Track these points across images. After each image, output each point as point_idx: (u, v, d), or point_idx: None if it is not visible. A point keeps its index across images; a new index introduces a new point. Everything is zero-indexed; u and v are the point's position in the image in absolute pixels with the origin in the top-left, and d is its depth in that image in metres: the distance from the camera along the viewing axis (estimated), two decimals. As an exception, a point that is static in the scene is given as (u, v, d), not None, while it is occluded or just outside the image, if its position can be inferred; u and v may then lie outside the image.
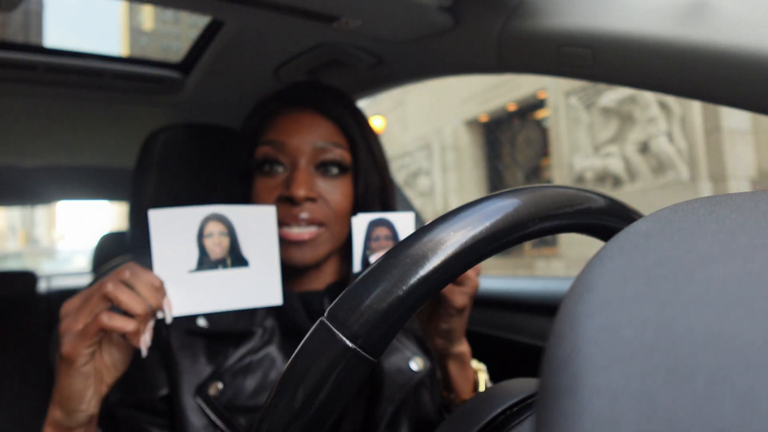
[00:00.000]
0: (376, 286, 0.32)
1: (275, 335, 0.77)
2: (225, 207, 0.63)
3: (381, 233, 0.67)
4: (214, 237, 0.62)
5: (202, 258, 0.62)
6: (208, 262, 0.62)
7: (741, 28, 0.58)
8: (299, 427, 0.32)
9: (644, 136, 9.00)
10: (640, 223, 0.20)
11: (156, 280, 0.59)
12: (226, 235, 0.63)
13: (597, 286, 0.18)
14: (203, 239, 0.62)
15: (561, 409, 0.16)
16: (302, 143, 0.77)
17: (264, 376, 0.73)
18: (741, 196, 0.20)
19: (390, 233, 0.68)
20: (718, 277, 0.16)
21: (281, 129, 0.79)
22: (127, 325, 0.55)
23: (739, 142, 8.50)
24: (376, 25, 0.87)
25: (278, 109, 0.83)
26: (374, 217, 0.67)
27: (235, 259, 0.64)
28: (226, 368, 0.72)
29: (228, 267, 0.63)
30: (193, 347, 0.74)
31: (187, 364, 0.73)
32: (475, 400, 0.46)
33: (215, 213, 0.63)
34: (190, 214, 0.62)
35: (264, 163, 0.79)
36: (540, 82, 10.72)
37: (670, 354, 0.15)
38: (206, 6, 0.84)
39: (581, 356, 0.16)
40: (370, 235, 0.67)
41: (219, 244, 0.63)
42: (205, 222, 0.62)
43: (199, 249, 0.62)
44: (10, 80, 1.11)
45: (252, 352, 0.74)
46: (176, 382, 0.72)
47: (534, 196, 0.35)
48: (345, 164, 0.80)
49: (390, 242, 0.68)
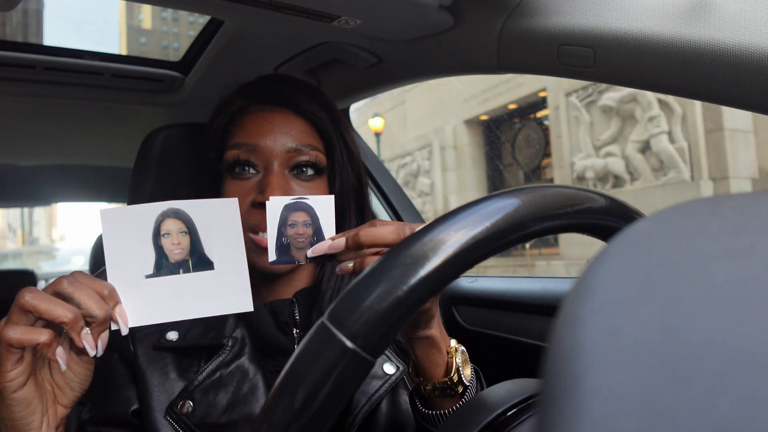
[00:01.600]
0: (376, 286, 0.32)
1: (246, 346, 0.74)
2: (182, 202, 0.57)
3: (298, 219, 0.61)
4: (172, 236, 0.57)
5: (159, 261, 0.57)
6: (167, 265, 0.57)
7: (742, 28, 0.58)
8: (299, 427, 0.31)
9: (645, 136, 9.01)
10: (640, 224, 0.20)
11: (105, 287, 0.54)
12: (185, 234, 0.57)
13: (598, 287, 0.18)
14: (160, 239, 0.57)
15: (562, 410, 0.16)
16: (275, 145, 0.74)
17: (236, 390, 0.70)
18: (743, 197, 0.20)
19: (308, 218, 0.61)
20: (719, 277, 0.16)
21: (252, 130, 0.75)
22: (35, 336, 0.49)
23: (741, 142, 8.50)
24: (375, 24, 0.87)
25: (247, 107, 0.78)
26: (289, 201, 0.61)
27: (197, 260, 0.58)
28: (195, 385, 0.69)
29: (190, 270, 0.57)
30: (162, 362, 0.71)
31: (156, 381, 0.70)
32: (475, 401, 0.46)
33: (172, 209, 0.57)
34: (143, 211, 0.56)
35: (234, 165, 0.74)
36: (540, 82, 10.73)
37: (672, 355, 0.15)
38: (206, 5, 0.84)
39: (582, 357, 0.16)
40: (286, 220, 0.60)
41: (178, 245, 0.57)
42: (161, 220, 0.57)
43: (156, 251, 0.56)
44: (9, 79, 1.11)
45: (223, 366, 0.71)
46: (146, 400, 0.69)
47: (534, 196, 0.35)
48: (320, 165, 0.76)
49: (308, 229, 0.61)
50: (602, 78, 0.74)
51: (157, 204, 0.56)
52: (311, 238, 0.61)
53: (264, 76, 0.86)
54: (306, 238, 0.61)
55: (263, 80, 0.83)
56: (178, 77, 1.22)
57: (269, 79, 0.83)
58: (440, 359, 0.64)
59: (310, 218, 0.62)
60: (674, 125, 8.62)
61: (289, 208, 0.61)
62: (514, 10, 0.80)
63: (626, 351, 0.16)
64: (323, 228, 0.62)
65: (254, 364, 0.72)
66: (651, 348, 0.15)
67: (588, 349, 0.16)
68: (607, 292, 0.18)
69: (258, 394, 0.70)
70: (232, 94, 0.82)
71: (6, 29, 1.65)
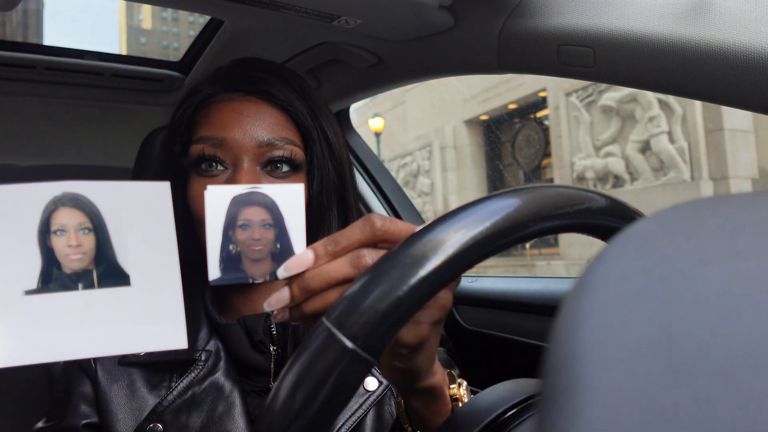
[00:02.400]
0: (376, 286, 0.32)
1: (221, 360, 0.67)
2: (86, 183, 0.40)
3: (254, 216, 0.42)
4: (68, 234, 0.39)
5: (48, 269, 0.38)
6: (58, 276, 0.39)
7: (742, 28, 0.58)
8: (299, 427, 0.31)
9: (645, 136, 9.01)
10: (641, 223, 0.20)
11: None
12: (89, 232, 0.39)
13: (598, 287, 0.18)
14: (50, 238, 0.38)
15: (562, 410, 0.16)
16: (244, 139, 0.65)
17: (211, 410, 0.64)
18: (743, 197, 0.20)
19: (268, 216, 0.42)
20: (719, 277, 0.16)
21: (219, 122, 0.66)
22: None
23: (741, 142, 8.50)
24: (376, 24, 0.87)
25: (216, 96, 0.69)
26: (239, 191, 0.42)
27: (105, 271, 0.40)
28: (165, 406, 0.63)
29: (93, 285, 0.39)
30: (128, 379, 0.65)
31: (121, 401, 0.64)
32: (475, 401, 0.46)
33: (69, 194, 0.39)
34: (25, 193, 0.38)
35: (200, 161, 0.66)
36: (540, 82, 10.73)
37: (672, 355, 0.15)
38: (206, 5, 0.84)
39: (582, 357, 0.16)
40: (234, 220, 0.42)
41: (77, 247, 0.39)
42: (52, 209, 0.38)
43: (43, 254, 0.38)
44: (9, 79, 1.11)
45: (196, 383, 0.65)
46: (109, 422, 0.63)
47: (534, 195, 0.35)
48: (297, 161, 0.67)
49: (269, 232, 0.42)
50: (602, 78, 0.74)
51: (45, 184, 0.38)
52: (272, 246, 0.42)
53: (237, 60, 0.75)
54: (265, 245, 0.42)
55: (235, 65, 0.74)
56: (178, 77, 1.22)
57: (241, 64, 0.74)
58: (444, 408, 0.52)
59: (271, 217, 0.43)
60: (674, 125, 8.63)
61: (239, 201, 0.42)
62: (514, 10, 0.80)
63: (626, 351, 0.16)
64: (290, 231, 0.43)
65: (230, 380, 0.66)
66: (651, 348, 0.15)
67: (588, 349, 0.16)
68: (607, 291, 0.18)
69: (234, 414, 0.64)
70: (202, 80, 0.73)
71: (6, 29, 1.65)
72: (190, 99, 0.72)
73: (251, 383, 0.69)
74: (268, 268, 0.42)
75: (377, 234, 0.40)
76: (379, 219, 0.41)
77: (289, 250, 0.43)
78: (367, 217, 0.41)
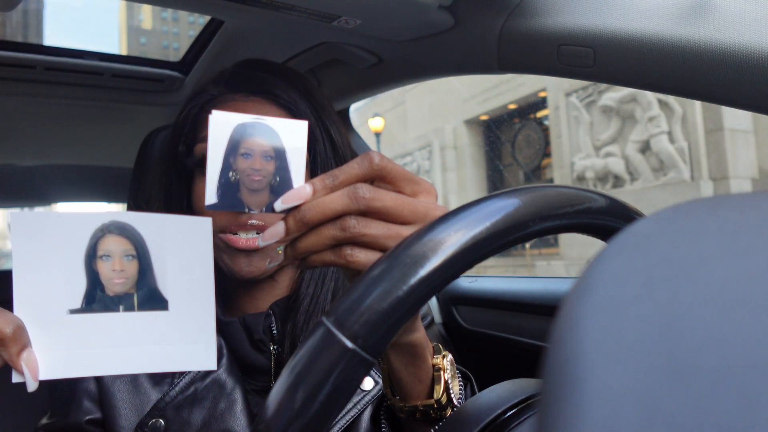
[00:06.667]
0: (376, 286, 0.32)
1: (223, 357, 0.68)
2: (133, 214, 0.43)
3: (256, 147, 0.42)
4: (113, 260, 0.42)
5: (92, 291, 0.42)
6: (102, 298, 0.42)
7: (742, 28, 0.58)
8: (299, 427, 0.31)
9: (645, 136, 9.01)
10: (640, 223, 0.20)
11: (8, 323, 0.40)
12: (132, 259, 0.43)
13: (598, 287, 0.18)
14: (96, 262, 0.42)
15: (562, 410, 0.16)
16: None
17: (212, 407, 0.64)
18: (743, 197, 0.20)
19: (270, 148, 0.43)
20: (719, 277, 0.16)
21: None
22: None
23: (741, 142, 8.50)
24: (375, 24, 0.87)
25: (220, 96, 0.71)
26: (244, 119, 0.42)
27: (145, 296, 0.44)
28: (167, 401, 0.64)
29: (134, 308, 0.43)
30: (131, 375, 0.66)
31: (124, 397, 0.65)
32: (475, 401, 0.46)
33: (116, 222, 0.42)
34: (75, 221, 0.42)
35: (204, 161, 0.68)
36: (540, 82, 10.73)
37: (672, 355, 0.15)
38: (206, 5, 0.84)
39: (582, 357, 0.16)
40: (237, 147, 0.42)
41: (121, 272, 0.43)
42: (99, 236, 0.42)
43: (88, 277, 0.42)
44: (9, 79, 1.11)
45: (198, 379, 0.66)
46: (112, 418, 0.64)
47: (534, 196, 0.35)
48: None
49: (269, 164, 0.42)
50: (602, 78, 0.74)
51: (95, 213, 0.42)
52: (272, 178, 0.43)
53: (241, 62, 0.77)
54: (264, 176, 0.43)
55: (239, 66, 0.76)
56: (178, 77, 1.22)
57: (245, 65, 0.75)
58: (424, 373, 0.52)
59: (273, 149, 0.43)
60: (674, 125, 8.62)
61: (243, 130, 0.42)
62: (514, 10, 0.80)
63: (626, 351, 0.16)
64: (291, 165, 0.43)
65: (232, 377, 0.67)
66: (651, 347, 0.15)
67: (588, 349, 0.16)
68: (606, 291, 0.18)
69: (236, 411, 0.65)
70: (206, 82, 0.75)
71: (6, 29, 1.65)
72: (195, 100, 0.73)
73: (252, 382, 0.70)
74: (266, 199, 0.43)
75: (375, 170, 0.41)
76: (377, 156, 0.41)
77: (288, 183, 0.43)
78: (366, 154, 0.41)
